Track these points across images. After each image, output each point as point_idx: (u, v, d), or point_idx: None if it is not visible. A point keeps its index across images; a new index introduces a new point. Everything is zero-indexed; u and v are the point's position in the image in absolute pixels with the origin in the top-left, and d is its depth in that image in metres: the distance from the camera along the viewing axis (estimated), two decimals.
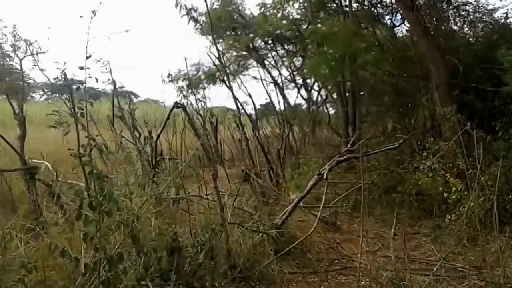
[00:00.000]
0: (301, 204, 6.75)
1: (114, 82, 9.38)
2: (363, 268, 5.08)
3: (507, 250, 5.28)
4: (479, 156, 5.72)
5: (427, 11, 10.07)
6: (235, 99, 9.82)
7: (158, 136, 6.56)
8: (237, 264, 4.89)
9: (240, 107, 10.33)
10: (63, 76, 4.33)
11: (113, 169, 7.89)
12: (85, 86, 4.00)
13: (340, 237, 6.91)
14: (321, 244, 6.36)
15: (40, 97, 19.06)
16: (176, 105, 4.97)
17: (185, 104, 15.54)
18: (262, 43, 17.33)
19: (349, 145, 7.67)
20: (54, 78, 5.59)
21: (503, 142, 7.06)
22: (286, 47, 17.71)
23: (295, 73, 17.32)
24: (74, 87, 4.63)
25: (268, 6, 15.62)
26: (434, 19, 10.54)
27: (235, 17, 16.85)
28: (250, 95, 12.44)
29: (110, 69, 8.65)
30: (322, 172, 6.39)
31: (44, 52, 6.03)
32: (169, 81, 17.43)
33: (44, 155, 6.91)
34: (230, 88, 9.83)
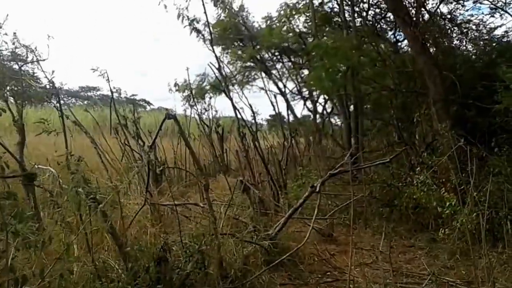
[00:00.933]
0: (298, 215, 6.87)
1: (111, 91, 9.59)
2: (354, 281, 5.17)
3: (498, 265, 5.35)
4: (473, 172, 5.81)
5: (430, 27, 10.19)
6: (235, 109, 9.97)
7: (151, 146, 6.62)
8: (229, 274, 4.94)
9: (240, 117, 10.41)
10: (51, 84, 4.48)
11: (116, 176, 8.10)
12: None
13: (336, 248, 6.95)
14: (315, 256, 6.43)
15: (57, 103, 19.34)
16: (168, 116, 5.08)
17: (191, 114, 15.95)
18: (269, 55, 17.48)
19: (345, 158, 7.74)
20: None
21: (498, 158, 7.14)
22: (292, 59, 17.86)
23: (301, 85, 17.44)
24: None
25: (274, 19, 15.80)
26: (436, 35, 10.66)
27: (242, 28, 17.01)
28: (251, 106, 12.54)
29: (108, 78, 8.78)
30: (316, 185, 6.47)
31: (44, 60, 6.09)
32: (176, 90, 17.66)
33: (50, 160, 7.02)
34: (230, 98, 9.98)
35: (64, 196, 4.15)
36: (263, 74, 17.55)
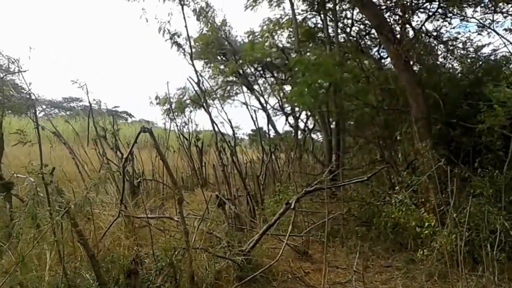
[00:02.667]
0: (273, 232, 6.74)
1: (90, 102, 9.46)
2: None
3: None
4: (453, 192, 5.71)
5: (414, 44, 10.18)
6: (213, 123, 9.87)
7: (127, 157, 6.49)
8: None
9: (218, 131, 10.32)
10: (28, 95, 4.35)
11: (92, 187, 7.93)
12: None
13: (311, 266, 6.81)
14: (289, 273, 6.28)
15: (39, 113, 19.09)
16: (143, 129, 4.94)
17: (171, 127, 15.86)
18: (251, 70, 17.44)
19: (324, 175, 7.62)
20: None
21: (480, 179, 7.04)
22: (275, 74, 17.84)
23: (283, 100, 17.39)
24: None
25: (257, 34, 15.76)
26: (421, 52, 10.66)
27: (224, 43, 16.97)
28: (229, 121, 12.48)
29: (87, 90, 8.66)
30: (290, 201, 6.34)
31: (25, 71, 6.00)
32: (156, 103, 17.60)
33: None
34: (209, 113, 9.90)
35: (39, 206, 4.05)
36: (245, 89, 17.49)
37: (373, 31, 12.66)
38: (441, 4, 10.84)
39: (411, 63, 8.90)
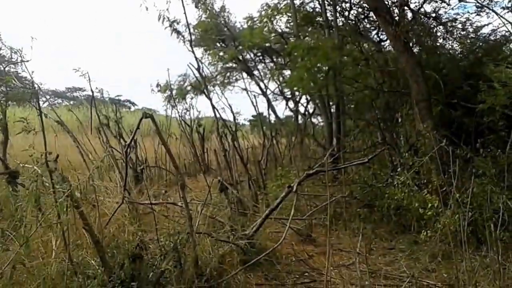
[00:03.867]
0: (276, 216, 6.75)
1: (92, 91, 9.43)
2: (332, 282, 5.04)
3: (480, 269, 5.23)
4: (455, 173, 5.70)
5: (413, 26, 10.14)
6: (214, 108, 9.87)
7: (129, 144, 6.49)
8: (204, 273, 4.85)
9: (219, 117, 10.32)
10: (31, 84, 4.35)
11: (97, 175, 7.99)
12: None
13: (315, 249, 6.82)
14: (292, 256, 6.33)
15: (43, 103, 19.06)
16: (145, 115, 4.94)
17: (171, 114, 15.89)
18: (251, 55, 17.38)
19: (325, 158, 7.60)
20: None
21: (483, 159, 7.04)
22: (274, 59, 17.76)
23: (283, 85, 17.34)
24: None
25: (256, 19, 15.67)
26: (420, 34, 10.61)
27: (223, 29, 16.89)
28: (230, 106, 12.48)
29: (89, 78, 8.64)
30: (293, 185, 6.34)
31: (27, 61, 6.02)
32: (158, 91, 17.58)
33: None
34: (210, 99, 9.89)
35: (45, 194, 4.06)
36: (245, 75, 17.44)
37: (372, 14, 12.60)
38: None
39: (411, 44, 8.86)
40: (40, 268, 4.06)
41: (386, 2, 9.65)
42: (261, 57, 17.61)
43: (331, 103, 13.28)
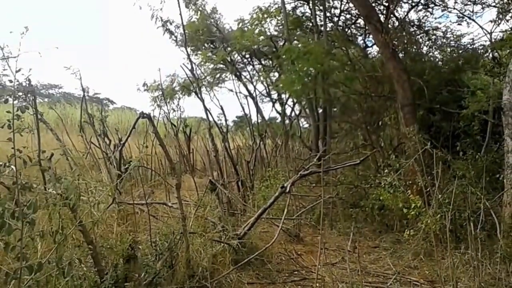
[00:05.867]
0: (265, 216, 6.89)
1: (83, 89, 9.36)
2: (321, 280, 5.22)
3: (460, 265, 5.47)
4: (438, 175, 5.93)
5: (398, 34, 10.39)
6: (206, 110, 9.95)
7: (123, 144, 6.56)
8: (196, 273, 4.94)
9: (211, 118, 10.43)
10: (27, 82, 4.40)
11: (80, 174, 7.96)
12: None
13: (303, 248, 7.02)
14: (282, 255, 6.50)
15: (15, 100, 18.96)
16: (142, 115, 5.05)
17: (159, 114, 15.91)
18: (240, 57, 17.47)
19: (315, 160, 7.78)
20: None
21: (462, 162, 7.32)
22: (263, 62, 17.89)
23: (270, 87, 17.48)
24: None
25: (246, 21, 15.78)
26: (405, 42, 10.88)
27: (213, 30, 16.96)
28: (221, 107, 12.58)
29: (80, 77, 8.64)
30: (286, 185, 6.50)
31: (15, 57, 6.00)
32: (144, 90, 17.58)
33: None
34: (202, 100, 9.96)
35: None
36: (233, 76, 17.54)
37: (359, 20, 12.90)
38: None
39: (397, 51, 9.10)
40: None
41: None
42: (249, 59, 17.72)
43: (318, 106, 13.48)
